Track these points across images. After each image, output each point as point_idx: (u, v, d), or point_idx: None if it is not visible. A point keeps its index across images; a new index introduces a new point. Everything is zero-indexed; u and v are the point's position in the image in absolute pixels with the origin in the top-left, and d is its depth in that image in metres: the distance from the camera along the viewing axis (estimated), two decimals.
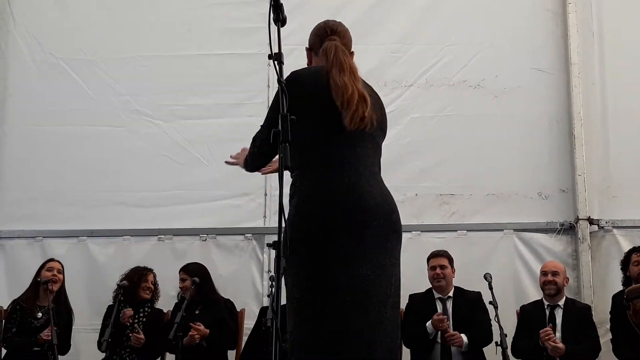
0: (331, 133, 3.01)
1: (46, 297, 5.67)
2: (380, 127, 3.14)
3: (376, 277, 2.92)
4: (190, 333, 5.52)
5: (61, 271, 5.93)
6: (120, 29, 6.97)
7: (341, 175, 2.97)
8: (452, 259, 5.80)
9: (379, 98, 3.24)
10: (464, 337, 5.41)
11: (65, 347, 5.76)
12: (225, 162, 3.64)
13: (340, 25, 3.31)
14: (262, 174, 3.63)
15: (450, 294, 5.73)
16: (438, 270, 5.72)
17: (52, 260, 6.01)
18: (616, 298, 5.56)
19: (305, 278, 2.90)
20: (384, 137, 3.23)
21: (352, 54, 3.28)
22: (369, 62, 6.50)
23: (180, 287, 5.97)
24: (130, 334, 5.66)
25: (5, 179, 6.90)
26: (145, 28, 6.95)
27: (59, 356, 5.34)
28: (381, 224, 2.97)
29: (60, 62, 6.94)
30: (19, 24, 7.08)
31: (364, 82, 3.17)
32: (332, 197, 2.94)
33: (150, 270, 6.06)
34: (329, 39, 3.21)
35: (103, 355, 5.46)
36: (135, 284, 5.90)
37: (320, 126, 3.03)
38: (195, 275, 5.80)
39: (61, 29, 7.02)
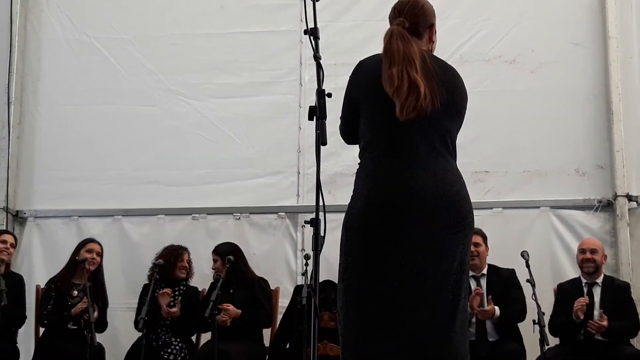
0: (389, 121, 2.92)
1: (83, 276, 5.70)
2: (448, 108, 3.01)
3: (428, 263, 2.85)
4: (221, 316, 5.53)
5: (100, 254, 5.94)
6: (153, 7, 6.98)
7: (396, 163, 2.91)
8: (486, 236, 5.74)
9: (453, 76, 3.12)
10: (496, 308, 5.39)
11: (102, 325, 5.80)
12: None
13: (408, 5, 3.14)
14: None
15: (484, 271, 5.69)
16: (472, 248, 5.66)
17: (92, 241, 5.99)
18: None
19: (353, 262, 2.88)
20: (458, 118, 3.13)
21: (429, 28, 3.17)
22: None
23: (213, 269, 5.97)
24: (163, 310, 5.71)
25: (40, 159, 6.95)
26: (178, 6, 6.94)
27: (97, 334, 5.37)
28: (435, 210, 2.88)
29: (93, 41, 6.95)
30: (52, 3, 7.09)
31: (433, 61, 3.03)
32: (385, 185, 2.89)
33: (185, 249, 6.08)
34: (395, 22, 3.08)
35: (140, 333, 5.49)
36: (172, 264, 5.92)
37: (380, 114, 2.96)
38: (228, 255, 5.79)
39: (94, 7, 7.04)
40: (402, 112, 2.86)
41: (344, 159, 5.82)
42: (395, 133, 2.93)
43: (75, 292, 5.77)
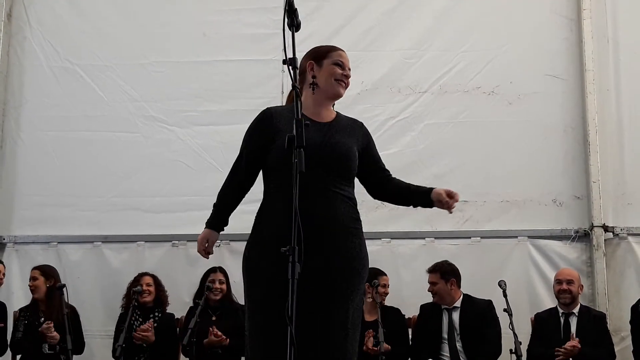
0: None
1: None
2: None
3: None
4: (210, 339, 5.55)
5: (37, 278, 5.95)
6: (135, 34, 6.98)
7: None
8: (448, 271, 5.69)
9: None
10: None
11: (80, 347, 5.83)
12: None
13: None
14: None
15: (457, 304, 5.67)
16: (429, 288, 5.71)
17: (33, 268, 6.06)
18: (635, 308, 5.56)
19: None
20: None
21: None
22: (382, 68, 6.51)
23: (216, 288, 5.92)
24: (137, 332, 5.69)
25: (21, 184, 6.90)
26: (160, 34, 6.95)
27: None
28: None
29: (75, 68, 6.95)
30: (35, 31, 7.09)
31: None
32: None
33: (146, 274, 6.07)
34: None
35: None
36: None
37: None
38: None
39: (77, 35, 7.04)
40: None
41: None
42: None
43: (43, 318, 5.75)
